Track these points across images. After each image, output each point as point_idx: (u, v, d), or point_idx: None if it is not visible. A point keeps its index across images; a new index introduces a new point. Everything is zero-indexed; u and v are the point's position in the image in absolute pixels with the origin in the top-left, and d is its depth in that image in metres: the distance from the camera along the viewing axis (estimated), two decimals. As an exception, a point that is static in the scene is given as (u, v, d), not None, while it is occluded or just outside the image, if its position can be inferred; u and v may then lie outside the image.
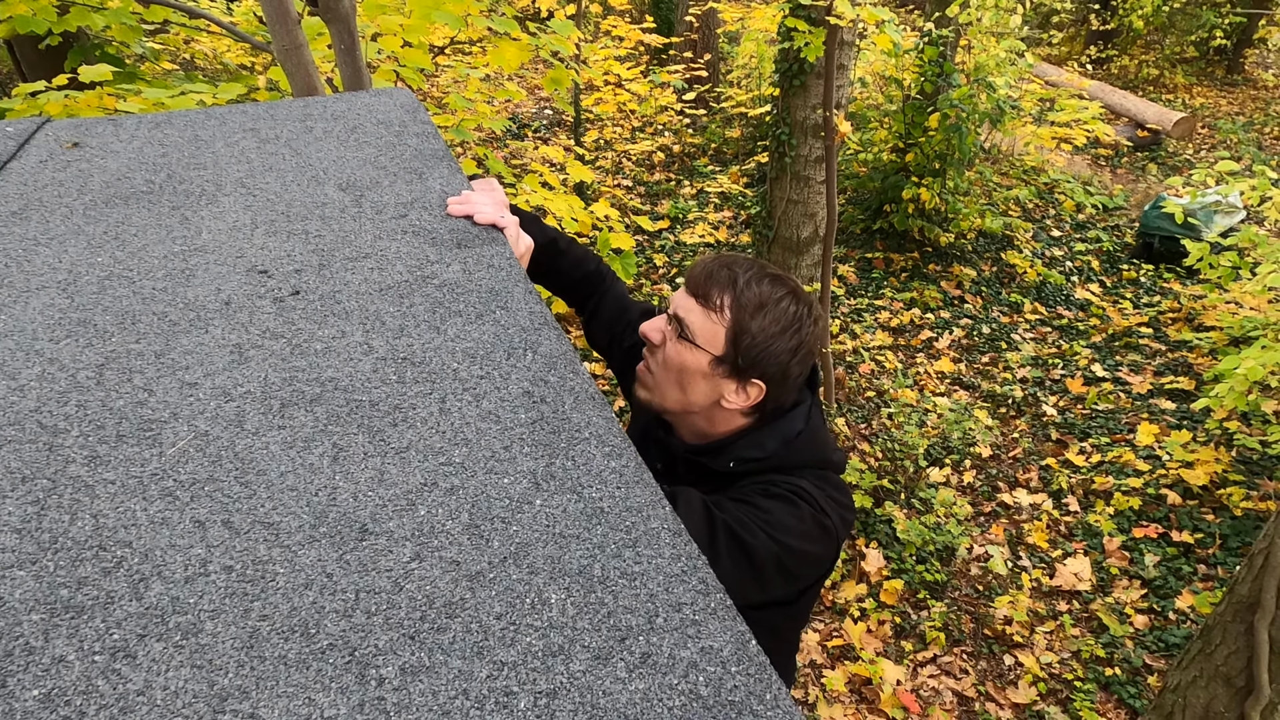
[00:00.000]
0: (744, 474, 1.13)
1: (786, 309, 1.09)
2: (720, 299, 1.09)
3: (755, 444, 1.14)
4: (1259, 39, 11.71)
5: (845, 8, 3.24)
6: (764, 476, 1.11)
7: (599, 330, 1.48)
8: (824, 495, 1.09)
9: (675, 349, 1.12)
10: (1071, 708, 3.43)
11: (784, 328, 1.08)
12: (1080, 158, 8.75)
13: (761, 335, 1.08)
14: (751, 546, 0.99)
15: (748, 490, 1.08)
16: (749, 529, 1.00)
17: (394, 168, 1.21)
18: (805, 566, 1.07)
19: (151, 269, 0.94)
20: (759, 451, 1.13)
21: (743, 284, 1.09)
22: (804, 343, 1.10)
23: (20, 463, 0.66)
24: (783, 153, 5.39)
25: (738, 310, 1.08)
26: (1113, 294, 6.53)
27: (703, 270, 1.12)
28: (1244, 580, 2.33)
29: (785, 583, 1.06)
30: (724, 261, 1.12)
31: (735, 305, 1.08)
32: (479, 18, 3.10)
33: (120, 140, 1.26)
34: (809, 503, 1.06)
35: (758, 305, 1.08)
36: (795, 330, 1.09)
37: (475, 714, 0.50)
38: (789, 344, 1.08)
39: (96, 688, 0.50)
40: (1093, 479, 4.62)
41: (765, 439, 1.14)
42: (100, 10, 3.03)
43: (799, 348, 1.10)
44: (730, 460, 1.13)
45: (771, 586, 1.04)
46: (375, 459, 0.68)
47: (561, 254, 1.43)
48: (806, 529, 1.05)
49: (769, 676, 0.53)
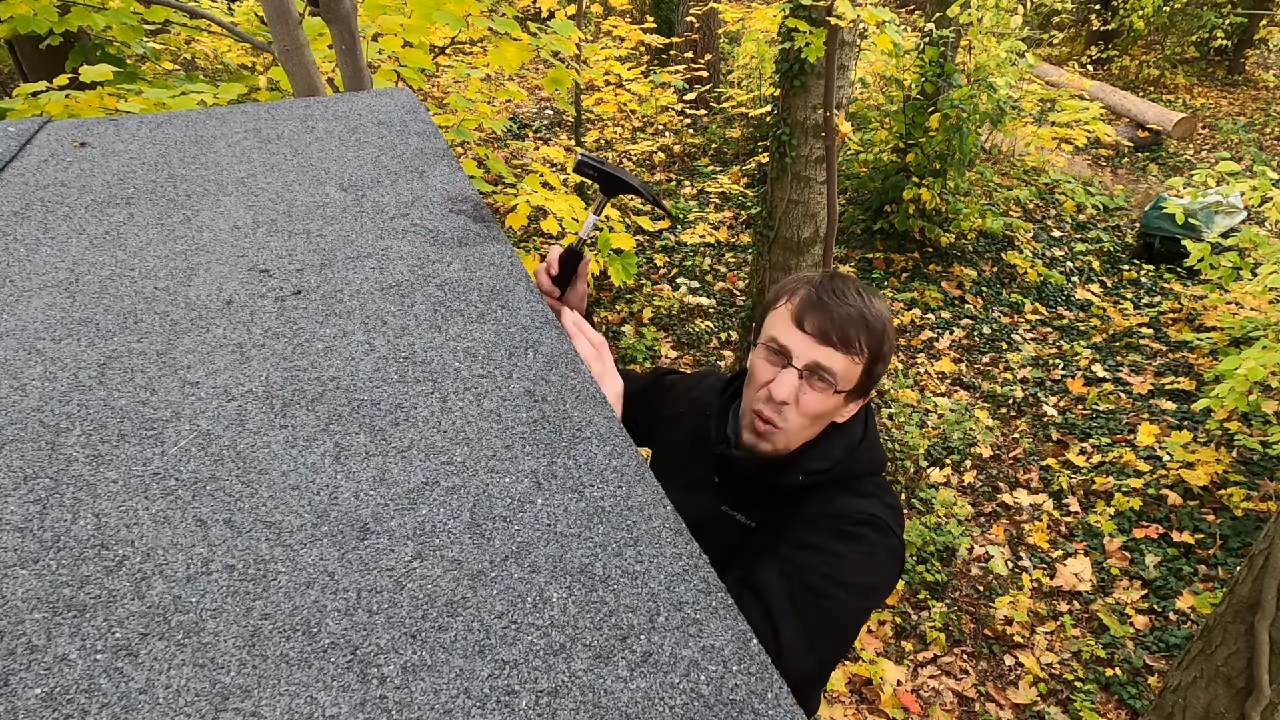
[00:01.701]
0: (812, 487, 1.13)
1: (890, 319, 1.12)
2: (859, 340, 1.08)
3: (822, 455, 1.14)
4: (1260, 39, 11.71)
5: (846, 8, 3.24)
6: (832, 497, 1.11)
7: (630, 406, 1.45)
8: (889, 511, 1.10)
9: (817, 399, 1.10)
10: (1072, 708, 3.43)
11: (893, 339, 1.12)
12: (1081, 158, 8.75)
13: (887, 355, 1.11)
14: (833, 610, 1.00)
15: (819, 524, 1.07)
16: (828, 591, 1.00)
17: (395, 167, 1.21)
18: (877, 598, 1.08)
19: (153, 268, 0.94)
20: (825, 462, 1.13)
21: (871, 316, 1.09)
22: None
23: (22, 462, 0.67)
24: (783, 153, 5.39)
25: (874, 343, 1.09)
26: (1113, 294, 6.53)
27: (830, 318, 1.08)
28: (1244, 581, 2.33)
29: (860, 625, 1.07)
30: (839, 297, 1.09)
31: (871, 340, 1.08)
32: (479, 18, 3.10)
33: (121, 140, 1.26)
34: (880, 529, 1.07)
35: (883, 331, 1.10)
36: (891, 344, 1.12)
37: (477, 713, 0.50)
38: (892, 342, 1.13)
39: (99, 686, 0.50)
40: (1093, 479, 4.62)
41: (832, 449, 1.14)
42: (101, 10, 3.03)
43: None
44: (799, 474, 1.13)
45: (851, 635, 1.07)
46: (377, 458, 0.68)
47: None
48: (879, 563, 1.06)
49: (770, 675, 0.53)
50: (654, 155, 8.62)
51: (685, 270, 6.95)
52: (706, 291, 6.70)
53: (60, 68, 3.20)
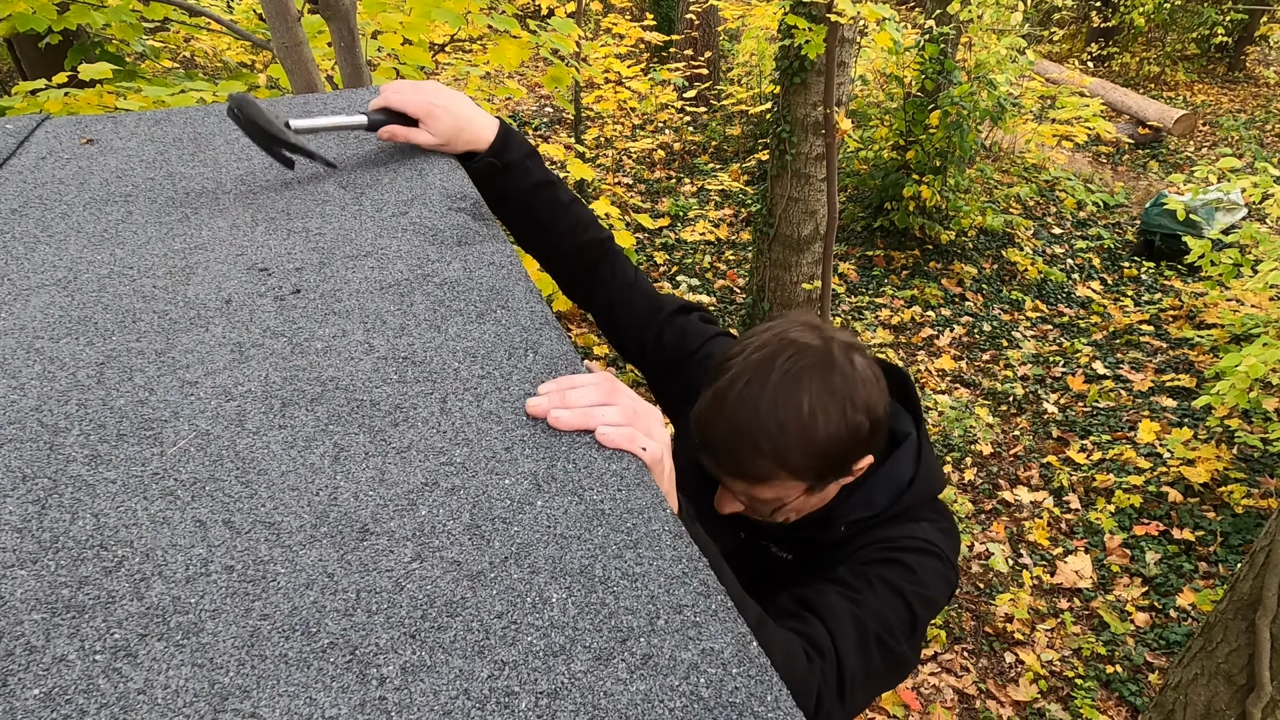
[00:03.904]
0: (856, 534, 1.03)
1: (816, 399, 0.91)
2: (762, 466, 0.93)
3: (865, 503, 1.02)
4: (1260, 36, 11.69)
5: (846, 5, 3.24)
6: (881, 535, 1.01)
7: (628, 335, 1.29)
8: (944, 537, 1.02)
9: (783, 513, 1.02)
10: (1072, 705, 3.43)
11: (838, 413, 0.91)
12: (1081, 155, 8.74)
13: (826, 442, 0.92)
14: (902, 654, 0.94)
15: (871, 562, 0.98)
16: (895, 633, 0.93)
17: (394, 164, 1.20)
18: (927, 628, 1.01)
19: (152, 267, 0.94)
20: (869, 510, 1.02)
21: (760, 428, 0.91)
22: (866, 402, 0.93)
23: (21, 462, 0.66)
24: (783, 150, 5.39)
25: (783, 465, 0.92)
26: (1114, 291, 6.53)
27: (717, 455, 0.95)
28: (1245, 578, 2.33)
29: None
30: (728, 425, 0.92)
31: (778, 458, 0.92)
32: (479, 15, 3.09)
33: (120, 138, 1.26)
34: (936, 555, 0.99)
35: (800, 433, 0.90)
36: (842, 402, 0.91)
37: (476, 713, 0.50)
38: (852, 418, 0.92)
39: (97, 687, 0.50)
40: (1094, 476, 4.62)
41: (875, 494, 1.03)
42: (100, 8, 3.02)
43: (869, 408, 0.93)
44: (841, 525, 1.03)
45: (905, 672, 0.99)
46: (376, 459, 0.68)
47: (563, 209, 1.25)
48: (932, 594, 0.97)
49: (770, 678, 0.53)
50: (654, 153, 8.61)
51: (685, 268, 6.95)
52: (707, 289, 6.70)
53: (59, 66, 3.19)
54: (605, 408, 0.75)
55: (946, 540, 1.02)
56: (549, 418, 0.73)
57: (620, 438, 0.72)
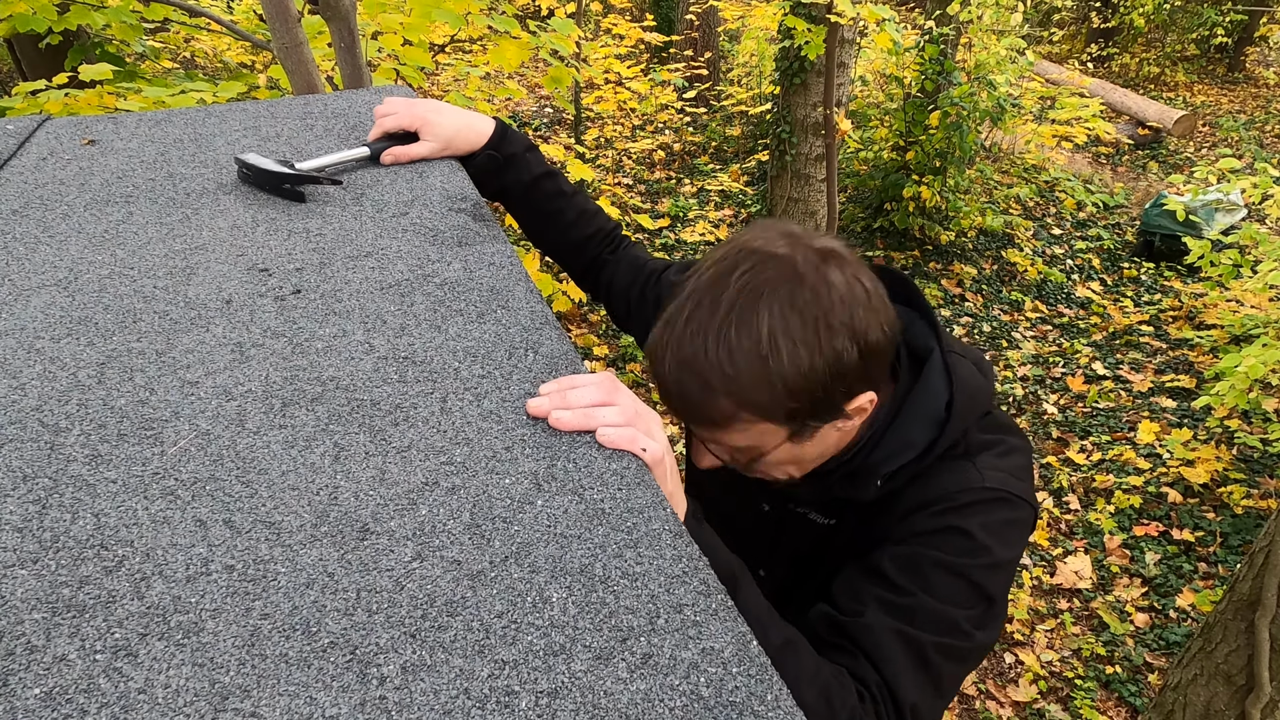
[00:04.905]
0: (905, 486, 0.87)
1: (777, 322, 0.75)
2: (726, 409, 0.79)
3: (901, 446, 0.86)
4: (1260, 37, 11.70)
5: (845, 6, 3.24)
6: (930, 494, 0.85)
7: (619, 301, 1.25)
8: (1011, 469, 0.85)
9: (767, 466, 0.87)
10: (1072, 706, 3.43)
11: (800, 344, 0.76)
12: (1081, 156, 8.74)
13: (795, 373, 0.76)
14: (977, 644, 0.82)
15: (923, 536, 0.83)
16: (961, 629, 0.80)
17: (394, 166, 1.21)
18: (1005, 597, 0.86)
19: (152, 267, 0.94)
20: (909, 452, 0.85)
21: (712, 363, 0.76)
22: (836, 321, 0.76)
23: (21, 461, 0.66)
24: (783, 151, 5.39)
25: (745, 406, 0.78)
26: (1113, 292, 6.53)
27: (671, 399, 0.81)
28: (1244, 578, 2.33)
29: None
30: (675, 359, 0.79)
31: (736, 397, 0.78)
32: (479, 16, 3.09)
33: (121, 138, 1.26)
34: (1001, 500, 0.83)
35: (758, 365, 0.76)
36: (814, 326, 0.76)
37: (477, 713, 0.50)
38: (829, 345, 0.76)
39: (98, 686, 0.50)
40: (1093, 477, 4.62)
41: (909, 432, 0.85)
42: (100, 9, 3.02)
43: (848, 325, 0.76)
44: (876, 479, 0.86)
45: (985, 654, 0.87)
46: (376, 458, 0.68)
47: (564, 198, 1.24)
48: (1005, 555, 0.83)
49: (770, 677, 0.53)
50: (654, 153, 8.61)
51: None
52: (706, 289, 6.68)
53: (59, 66, 3.19)
54: (606, 408, 0.73)
55: (1012, 468, 0.85)
56: (550, 418, 0.72)
57: (621, 438, 0.71)
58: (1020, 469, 0.87)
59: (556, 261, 1.32)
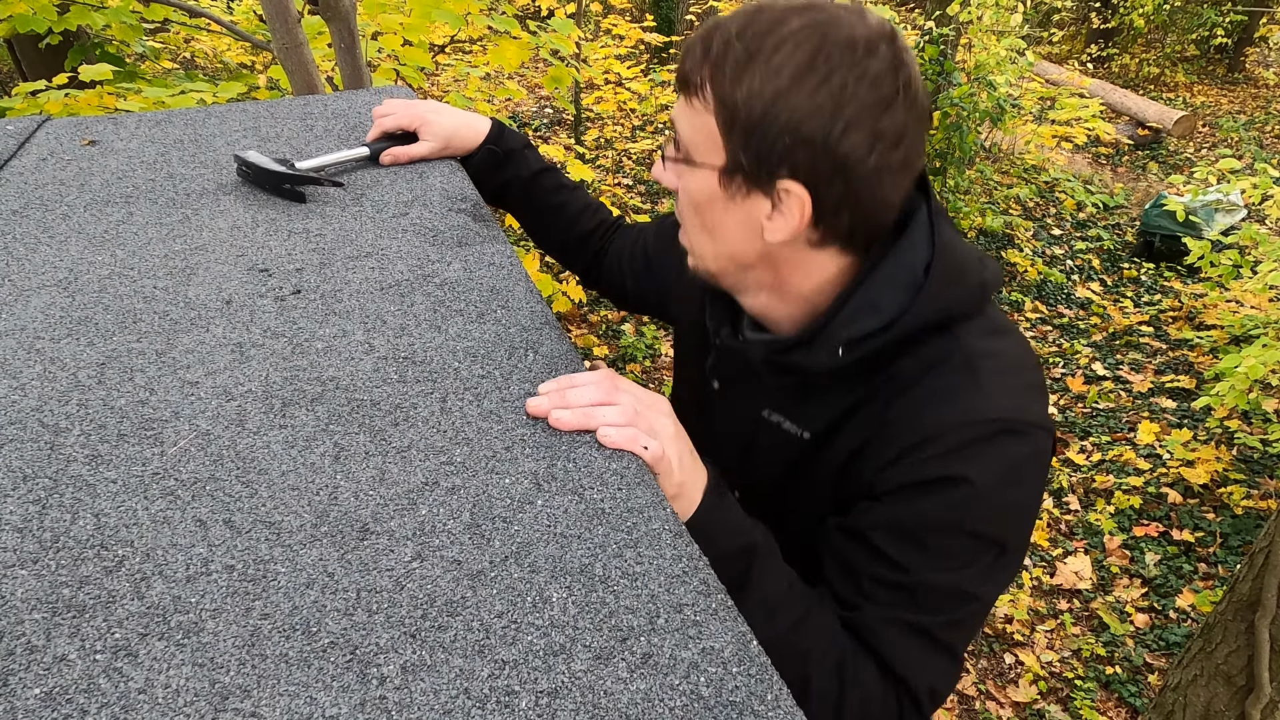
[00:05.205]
0: (872, 367, 0.75)
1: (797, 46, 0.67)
2: (698, 75, 0.71)
3: (866, 307, 0.74)
4: (1260, 37, 11.70)
5: (846, 6, 3.24)
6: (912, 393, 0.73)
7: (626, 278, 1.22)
8: (1008, 367, 0.73)
9: (679, 179, 0.77)
10: (1072, 706, 3.43)
11: (794, 77, 0.66)
12: (1081, 156, 8.75)
13: (758, 101, 0.67)
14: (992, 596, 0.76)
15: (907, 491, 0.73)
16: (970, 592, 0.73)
17: (394, 166, 1.21)
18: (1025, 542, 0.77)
19: (152, 268, 0.94)
20: (874, 318, 0.73)
21: (722, 40, 0.70)
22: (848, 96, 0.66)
23: (22, 461, 0.66)
24: (783, 151, 5.39)
25: (717, 81, 0.70)
26: (1113, 292, 6.53)
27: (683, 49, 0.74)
28: (1244, 579, 2.33)
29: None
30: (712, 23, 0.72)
31: (714, 75, 0.70)
32: (479, 16, 3.10)
33: (121, 139, 1.26)
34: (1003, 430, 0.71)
35: (744, 59, 0.68)
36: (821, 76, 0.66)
37: (477, 713, 0.50)
38: (814, 101, 0.66)
39: (98, 686, 0.50)
40: (1093, 477, 4.62)
41: (877, 293, 0.74)
42: (100, 9, 3.03)
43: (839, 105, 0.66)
44: (835, 346, 0.74)
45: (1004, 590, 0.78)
46: (376, 458, 0.68)
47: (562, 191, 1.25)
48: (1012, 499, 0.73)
49: (770, 677, 0.53)
50: (654, 154, 8.61)
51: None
52: (706, 290, 6.69)
53: (59, 66, 3.20)
54: (606, 407, 0.73)
55: (1018, 387, 0.73)
56: (550, 418, 0.72)
57: (622, 438, 0.71)
58: (1030, 387, 0.74)
59: (560, 259, 1.32)
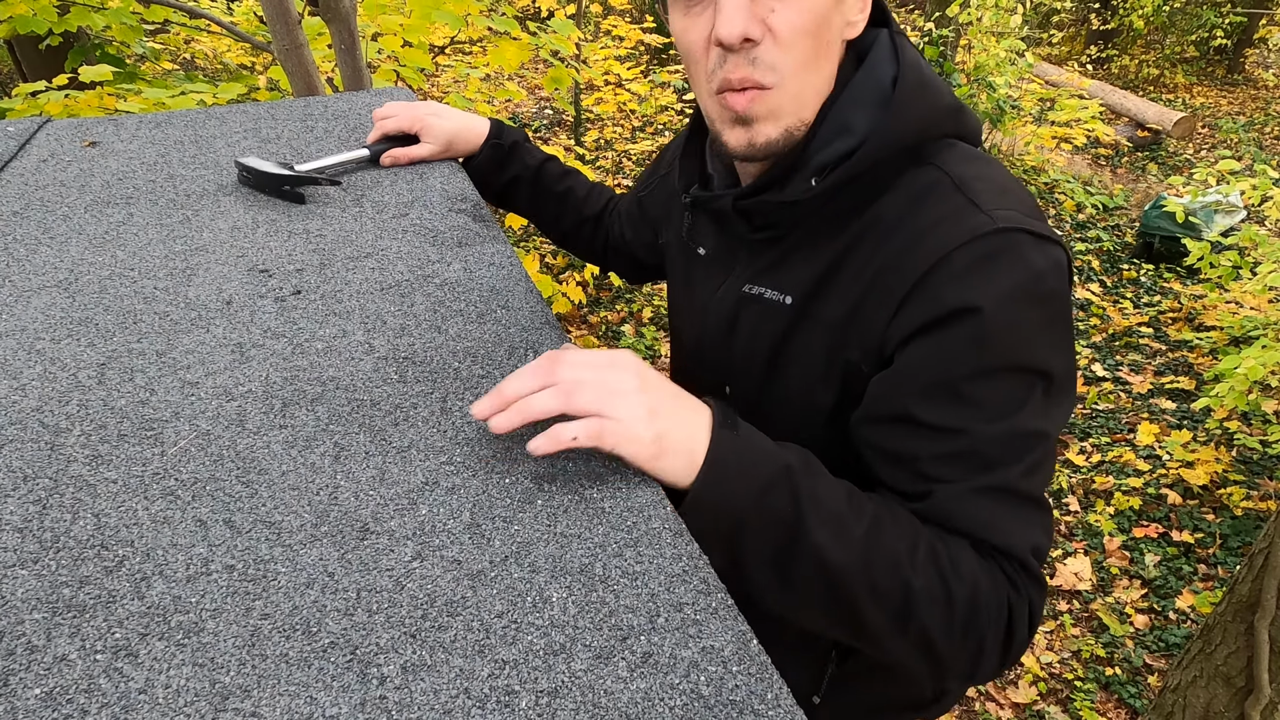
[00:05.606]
0: (846, 197, 0.72)
1: None
2: None
3: (837, 127, 0.72)
4: (1259, 39, 11.71)
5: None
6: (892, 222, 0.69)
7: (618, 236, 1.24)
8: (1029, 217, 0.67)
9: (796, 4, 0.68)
10: (1072, 707, 3.43)
11: None
12: (1080, 157, 8.75)
13: None
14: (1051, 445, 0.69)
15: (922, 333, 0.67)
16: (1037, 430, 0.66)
17: (394, 167, 1.21)
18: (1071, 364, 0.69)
19: (153, 268, 0.94)
20: (848, 137, 0.71)
21: None
22: None
23: (22, 462, 0.67)
24: (783, 152, 5.40)
25: None
26: (1113, 294, 6.53)
27: None
28: (1244, 580, 2.33)
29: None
30: None
31: None
32: (479, 17, 3.10)
33: (121, 140, 1.26)
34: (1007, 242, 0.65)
35: None
36: None
37: (477, 712, 0.50)
38: None
39: (98, 686, 0.50)
40: (1093, 479, 4.62)
41: (850, 113, 0.72)
42: (100, 10, 3.03)
43: None
44: (810, 176, 0.72)
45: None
46: (376, 458, 0.68)
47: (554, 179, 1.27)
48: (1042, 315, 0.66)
49: (770, 676, 0.53)
50: (654, 155, 8.61)
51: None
52: (706, 291, 6.68)
53: (60, 68, 3.20)
54: (540, 393, 0.65)
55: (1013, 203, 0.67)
56: (490, 425, 0.66)
57: (547, 443, 0.63)
58: (1031, 207, 0.69)
59: (573, 247, 1.32)
